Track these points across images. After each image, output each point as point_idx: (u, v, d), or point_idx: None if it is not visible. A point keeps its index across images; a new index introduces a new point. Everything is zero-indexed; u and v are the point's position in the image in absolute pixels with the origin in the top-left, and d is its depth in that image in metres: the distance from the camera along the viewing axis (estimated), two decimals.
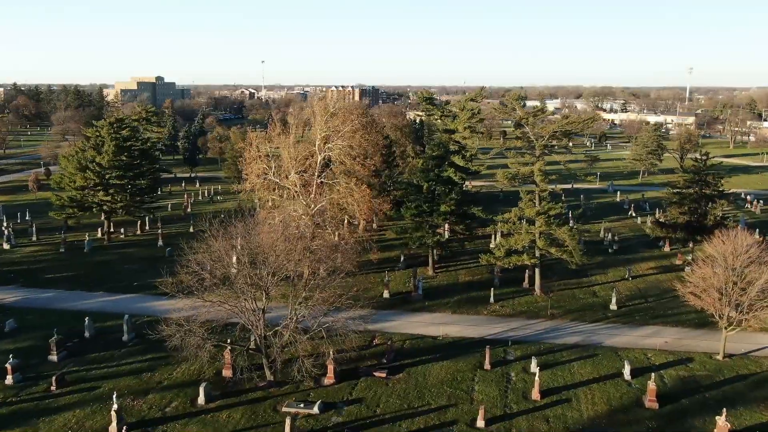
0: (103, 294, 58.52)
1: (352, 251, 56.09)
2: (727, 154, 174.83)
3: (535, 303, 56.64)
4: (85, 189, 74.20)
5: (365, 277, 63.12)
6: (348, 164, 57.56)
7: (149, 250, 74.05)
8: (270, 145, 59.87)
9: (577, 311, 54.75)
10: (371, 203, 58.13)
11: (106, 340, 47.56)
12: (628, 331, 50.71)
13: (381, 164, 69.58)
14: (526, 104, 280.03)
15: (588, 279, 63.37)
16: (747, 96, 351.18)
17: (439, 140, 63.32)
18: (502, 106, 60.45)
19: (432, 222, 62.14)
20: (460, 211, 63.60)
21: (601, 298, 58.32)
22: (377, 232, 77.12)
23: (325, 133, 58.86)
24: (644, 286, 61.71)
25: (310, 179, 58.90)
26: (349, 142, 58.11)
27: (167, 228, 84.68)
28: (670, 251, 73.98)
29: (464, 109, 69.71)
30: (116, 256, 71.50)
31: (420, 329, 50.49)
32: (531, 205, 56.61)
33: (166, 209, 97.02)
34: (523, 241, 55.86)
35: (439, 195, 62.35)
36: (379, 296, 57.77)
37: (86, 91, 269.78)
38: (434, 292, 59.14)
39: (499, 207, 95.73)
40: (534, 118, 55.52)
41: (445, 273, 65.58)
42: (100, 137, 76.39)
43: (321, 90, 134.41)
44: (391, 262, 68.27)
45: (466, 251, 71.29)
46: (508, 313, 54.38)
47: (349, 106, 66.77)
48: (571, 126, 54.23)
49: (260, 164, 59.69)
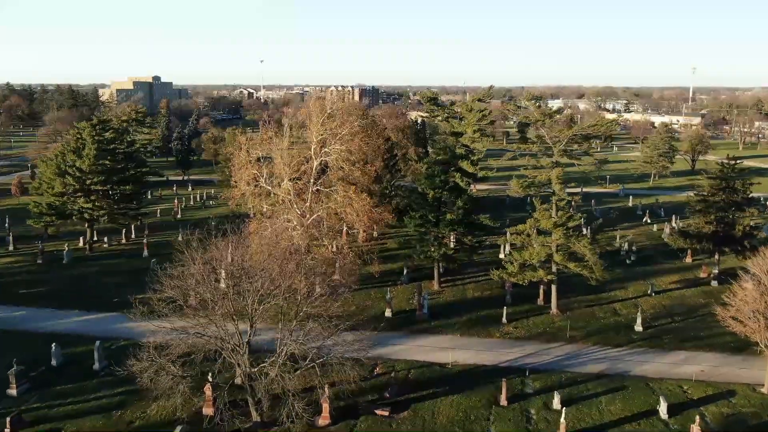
0: (79, 313, 53.42)
1: (351, 266, 51.20)
2: (738, 155, 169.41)
3: (552, 323, 51.56)
4: (64, 195, 69.06)
5: (365, 292, 58.07)
6: (346, 170, 52.49)
7: (133, 261, 68.90)
8: (261, 149, 54.79)
9: (598, 333, 49.67)
10: (372, 213, 53.06)
11: (75, 370, 42.41)
12: (658, 357, 45.63)
13: (382, 169, 64.56)
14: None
15: (607, 295, 58.25)
16: (751, 96, 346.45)
17: (445, 144, 58.13)
18: (515, 107, 55.30)
19: (438, 233, 57.08)
20: (468, 220, 58.54)
21: (624, 317, 53.25)
22: (378, 241, 72.09)
23: (321, 136, 53.83)
24: (669, 303, 56.66)
25: (305, 187, 53.87)
26: (347, 146, 53.08)
27: (155, 236, 79.62)
28: (693, 262, 68.94)
29: (472, 110, 64.66)
30: (97, 268, 66.38)
31: (426, 355, 45.42)
32: (547, 215, 51.57)
33: (155, 215, 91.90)
34: (539, 255, 50.80)
35: (446, 203, 57.31)
36: (380, 315, 52.80)
37: (81, 91, 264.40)
38: (441, 311, 54.07)
39: (506, 212, 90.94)
40: (551, 120, 50.44)
41: (452, 288, 60.50)
42: (81, 139, 71.26)
43: (321, 90, 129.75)
44: (393, 275, 63.23)
45: (473, 262, 66.26)
46: (523, 335, 49.30)
47: (348, 106, 61.67)
48: (593, 129, 49.19)
49: (251, 170, 54.66)
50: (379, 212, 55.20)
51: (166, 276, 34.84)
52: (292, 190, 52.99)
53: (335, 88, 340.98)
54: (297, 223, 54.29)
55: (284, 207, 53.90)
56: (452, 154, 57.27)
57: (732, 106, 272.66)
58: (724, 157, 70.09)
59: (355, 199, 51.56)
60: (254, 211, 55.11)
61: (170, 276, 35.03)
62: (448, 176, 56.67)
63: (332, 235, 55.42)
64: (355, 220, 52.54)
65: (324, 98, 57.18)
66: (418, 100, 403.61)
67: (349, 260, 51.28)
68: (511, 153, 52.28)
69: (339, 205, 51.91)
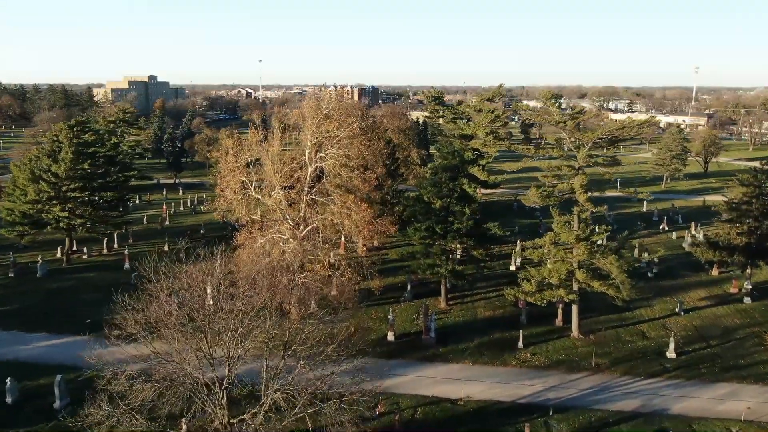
0: (46, 336, 48.04)
1: (349, 285, 45.82)
2: (749, 157, 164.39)
3: (574, 349, 46.18)
4: (38, 203, 63.58)
5: (366, 312, 52.74)
6: (344, 177, 47.06)
7: (113, 274, 63.41)
8: (251, 153, 49.32)
9: (627, 361, 44.29)
10: (372, 224, 47.66)
11: (32, 408, 37.03)
12: (697, 390, 40.27)
13: (384, 175, 59.20)
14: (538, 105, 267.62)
15: (632, 314, 52.89)
16: (754, 96, 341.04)
17: (453, 147, 52.71)
18: (526, 107, 49.89)
19: (445, 246, 51.69)
20: (479, 231, 53.16)
21: (653, 340, 47.89)
22: (378, 252, 66.71)
23: (317, 139, 48.41)
24: (701, 324, 51.29)
25: (299, 195, 48.45)
26: (345, 151, 47.63)
27: (139, 245, 74.19)
28: (720, 275, 63.64)
29: (481, 110, 59.29)
30: (73, 282, 60.93)
31: (435, 388, 40.04)
32: (568, 228, 46.19)
33: (142, 222, 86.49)
34: (559, 272, 45.38)
35: (454, 213, 51.89)
36: (382, 339, 47.46)
37: (74, 91, 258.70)
38: (449, 333, 48.71)
39: (514, 219, 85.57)
40: (573, 122, 45.06)
41: (461, 305, 55.13)
42: (58, 142, 65.80)
43: (319, 89, 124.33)
44: (396, 290, 57.88)
45: (483, 275, 60.87)
46: (542, 363, 43.90)
47: (347, 106, 56.10)
48: (622, 132, 43.81)
49: (238, 176, 49.23)
50: (381, 223, 49.75)
51: (128, 309, 29.40)
52: (283, 199, 47.56)
53: (334, 87, 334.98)
54: (289, 235, 48.89)
55: (275, 217, 48.49)
56: (461, 159, 51.86)
57: (738, 106, 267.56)
58: (736, 158, 64.81)
59: (354, 210, 46.14)
60: (242, 221, 49.58)
61: (133, 309, 29.60)
62: (457, 184, 51.26)
63: (328, 248, 49.94)
64: (354, 233, 47.17)
65: (320, 97, 51.48)
66: (419, 99, 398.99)
67: (348, 278, 45.85)
68: (528, 158, 46.73)
69: (336, 216, 46.48)
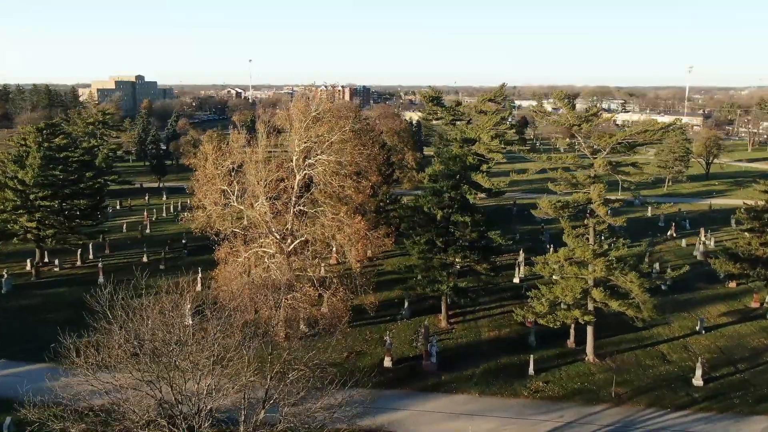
0: (4, 364, 43.16)
1: (341, 306, 41.32)
2: (750, 158, 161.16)
3: (590, 375, 41.82)
4: (4, 212, 58.64)
5: (359, 332, 48.24)
6: (336, 187, 42.47)
7: (85, 289, 58.11)
8: (232, 160, 44.66)
9: (650, 390, 39.94)
10: (367, 237, 43.12)
11: None
12: (732, 425, 35.97)
13: (379, 181, 54.71)
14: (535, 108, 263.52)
15: (649, 333, 48.61)
16: (748, 95, 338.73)
17: (454, 153, 48.23)
18: (540, 110, 45.42)
19: (446, 260, 47.26)
20: (482, 243, 48.78)
21: (676, 364, 43.61)
22: (372, 263, 62.24)
23: (305, 144, 43.81)
24: (726, 345, 47.10)
25: (286, 207, 43.87)
26: (337, 157, 43.06)
27: (116, 256, 69.46)
28: (737, 288, 59.54)
29: (482, 111, 54.85)
30: (40, 299, 56.02)
31: (438, 425, 35.57)
32: (582, 242, 41.83)
33: (120, 230, 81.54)
34: (574, 291, 41.02)
35: (456, 224, 47.50)
36: (378, 364, 42.95)
37: (58, 91, 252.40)
38: (452, 358, 44.23)
39: (514, 225, 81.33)
40: (588, 125, 40.72)
41: (463, 324, 50.70)
42: (26, 147, 60.86)
43: (309, 89, 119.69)
44: (392, 306, 53.41)
45: (486, 288, 56.58)
46: (557, 393, 39.47)
47: (339, 107, 51.49)
48: (643, 136, 39.47)
49: (219, 185, 44.61)
50: (376, 236, 45.22)
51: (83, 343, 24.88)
52: (268, 211, 42.93)
53: (325, 87, 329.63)
54: (276, 249, 44.30)
55: (260, 230, 43.90)
56: (463, 165, 47.46)
57: (734, 105, 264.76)
58: (736, 159, 60.79)
59: (347, 222, 41.58)
60: (224, 234, 44.90)
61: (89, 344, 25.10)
62: (459, 192, 46.84)
63: (318, 263, 45.39)
64: (347, 248, 42.64)
65: (308, 97, 46.88)
66: (410, 99, 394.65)
67: (340, 298, 41.34)
68: (537, 164, 42.27)
69: (327, 229, 41.92)
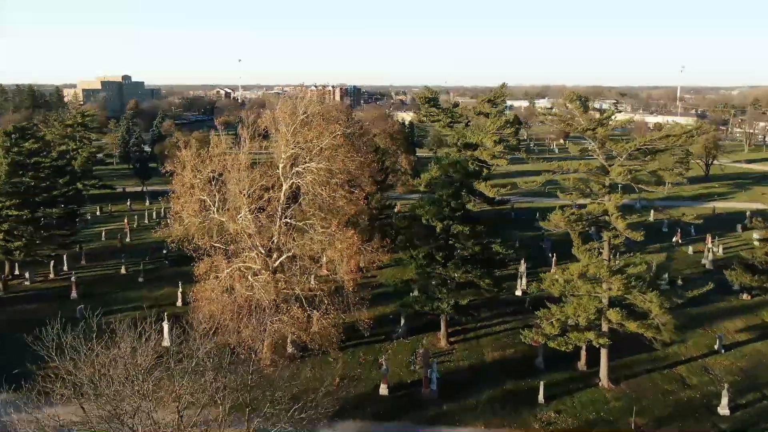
0: None
1: (334, 330, 37.62)
2: (748, 158, 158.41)
3: (605, 403, 38.22)
4: None
5: (352, 353, 44.52)
6: (326, 197, 38.61)
7: (57, 305, 54.29)
8: (212, 167, 40.71)
9: (672, 420, 36.39)
10: (360, 252, 39.31)
11: None
12: None
13: (373, 189, 50.98)
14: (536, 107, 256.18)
15: (664, 353, 45.00)
16: (742, 95, 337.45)
17: (454, 158, 44.48)
18: (547, 112, 41.73)
19: (446, 275, 43.54)
20: (485, 256, 45.10)
21: (697, 390, 40.07)
22: (365, 277, 58.41)
23: (292, 150, 39.94)
24: (748, 366, 43.63)
25: (271, 219, 40.00)
26: (327, 164, 39.22)
27: (93, 267, 65.38)
28: (752, 300, 56.17)
29: (482, 113, 51.12)
30: (6, 316, 51.83)
31: None
32: (596, 258, 38.22)
33: (99, 238, 77.30)
34: (587, 311, 37.38)
35: (456, 236, 43.80)
36: (373, 392, 39.21)
37: (42, 91, 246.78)
38: (454, 382, 40.51)
39: (513, 231, 77.83)
40: (603, 129, 37.13)
41: (464, 343, 47.03)
42: None
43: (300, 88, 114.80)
44: (387, 323, 49.79)
45: (487, 302, 52.99)
46: (570, 425, 35.81)
47: (329, 108, 47.64)
48: (665, 141, 35.88)
49: (198, 195, 40.67)
50: (370, 250, 41.39)
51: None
52: (252, 224, 39.04)
53: (315, 87, 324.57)
54: (260, 265, 40.43)
55: (243, 245, 40.02)
56: (464, 173, 43.73)
57: (728, 105, 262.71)
58: (734, 160, 57.54)
59: (338, 237, 37.75)
60: (204, 247, 40.92)
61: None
62: (460, 202, 43.12)
63: (306, 279, 41.55)
64: (338, 263, 38.74)
65: (297, 97, 43.00)
66: (401, 100, 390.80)
67: (330, 321, 37.58)
68: (548, 172, 38.58)
69: (316, 244, 38.07)
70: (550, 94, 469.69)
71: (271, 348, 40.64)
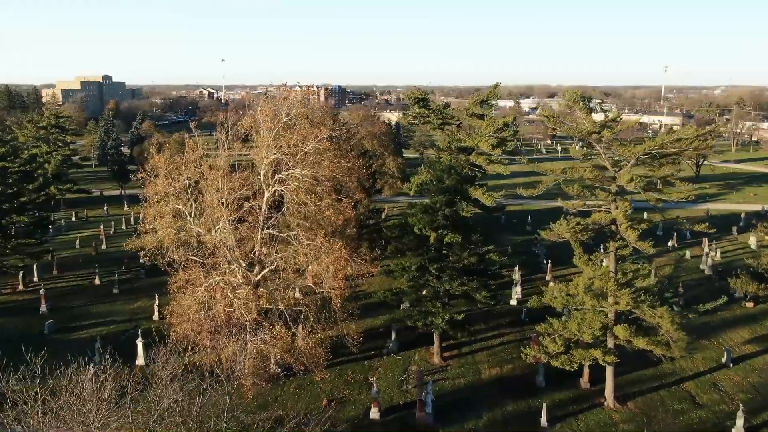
0: None
1: (321, 350, 34.82)
2: (736, 159, 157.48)
3: (612, 426, 35.64)
4: None
5: (339, 372, 41.60)
6: (311, 207, 35.69)
7: (24, 320, 51.00)
8: (188, 174, 37.62)
9: None
10: (349, 265, 36.39)
11: None
12: None
13: (362, 197, 48.12)
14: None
15: (671, 367, 42.62)
16: (726, 95, 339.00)
17: (448, 163, 41.75)
18: (551, 115, 39.09)
19: (440, 288, 40.79)
20: (481, 267, 42.44)
21: (709, 409, 37.63)
22: (352, 287, 55.54)
23: (274, 155, 36.97)
24: (760, 381, 41.25)
25: (252, 231, 37.02)
26: (312, 171, 36.29)
27: (65, 278, 61.90)
28: (755, 308, 53.98)
29: (475, 115, 48.32)
30: None
31: None
32: (602, 270, 35.66)
33: (73, 246, 73.68)
34: (593, 327, 34.84)
35: (451, 246, 41.07)
36: (363, 416, 36.35)
37: (20, 92, 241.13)
38: (450, 403, 37.78)
39: (504, 235, 75.47)
40: (610, 132, 34.58)
41: (459, 359, 44.25)
42: None
43: (279, 89, 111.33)
44: (376, 337, 46.94)
45: (481, 312, 50.44)
46: None
47: (314, 110, 44.70)
48: (678, 145, 33.41)
49: (172, 205, 37.60)
50: (359, 261, 38.52)
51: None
52: (232, 236, 36.02)
53: (299, 87, 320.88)
54: (241, 279, 37.43)
55: (220, 259, 36.98)
56: (459, 178, 41.02)
57: (713, 105, 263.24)
58: (722, 161, 55.45)
59: (325, 249, 34.84)
60: (179, 263, 37.82)
61: None
62: (455, 209, 40.40)
63: (289, 294, 38.59)
64: (324, 277, 35.77)
65: (280, 98, 40.04)
66: (386, 100, 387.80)
67: (316, 341, 34.72)
68: (548, 182, 35.74)
69: (301, 257, 35.15)
70: (535, 93, 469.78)
71: (252, 368, 37.69)
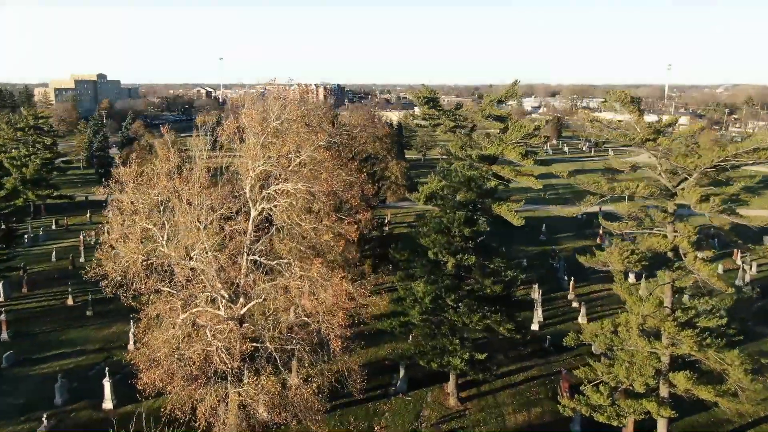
0: None
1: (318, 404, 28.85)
2: None
3: None
4: None
5: (340, 417, 35.72)
6: (307, 230, 29.63)
7: None
8: (158, 190, 31.51)
9: None
10: (350, 302, 30.35)
11: None
12: None
13: (366, 215, 42.14)
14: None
15: (723, 411, 36.58)
16: (732, 94, 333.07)
17: (468, 174, 35.69)
18: (591, 119, 33.00)
19: (458, 321, 34.77)
20: (504, 295, 36.44)
21: None
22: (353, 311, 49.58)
23: (261, 167, 30.87)
24: None
25: (236, 256, 30.98)
26: (308, 185, 30.19)
27: (35, 297, 55.94)
28: None
29: (493, 117, 42.14)
30: None
31: None
32: (656, 306, 29.67)
33: (49, 259, 67.61)
34: (645, 374, 28.85)
35: (469, 271, 35.08)
36: None
37: (11, 91, 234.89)
38: None
39: (517, 246, 69.64)
40: (667, 140, 28.61)
41: (479, 401, 38.30)
42: None
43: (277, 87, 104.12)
44: (381, 372, 41.00)
45: (498, 340, 44.46)
46: None
47: (310, 112, 38.57)
48: (753, 156, 27.50)
49: (141, 224, 31.50)
50: (362, 292, 32.37)
51: None
52: (213, 263, 29.95)
53: (297, 86, 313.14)
54: (224, 312, 31.35)
55: (196, 292, 30.88)
56: (479, 192, 35.00)
57: (720, 104, 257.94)
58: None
59: (322, 282, 28.74)
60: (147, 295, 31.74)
61: None
62: (473, 229, 34.33)
63: (279, 331, 32.45)
64: (323, 318, 29.71)
65: (269, 98, 34.02)
66: (386, 99, 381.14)
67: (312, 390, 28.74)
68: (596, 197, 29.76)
69: (294, 292, 29.10)
70: (536, 92, 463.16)
71: (235, 418, 31.75)
